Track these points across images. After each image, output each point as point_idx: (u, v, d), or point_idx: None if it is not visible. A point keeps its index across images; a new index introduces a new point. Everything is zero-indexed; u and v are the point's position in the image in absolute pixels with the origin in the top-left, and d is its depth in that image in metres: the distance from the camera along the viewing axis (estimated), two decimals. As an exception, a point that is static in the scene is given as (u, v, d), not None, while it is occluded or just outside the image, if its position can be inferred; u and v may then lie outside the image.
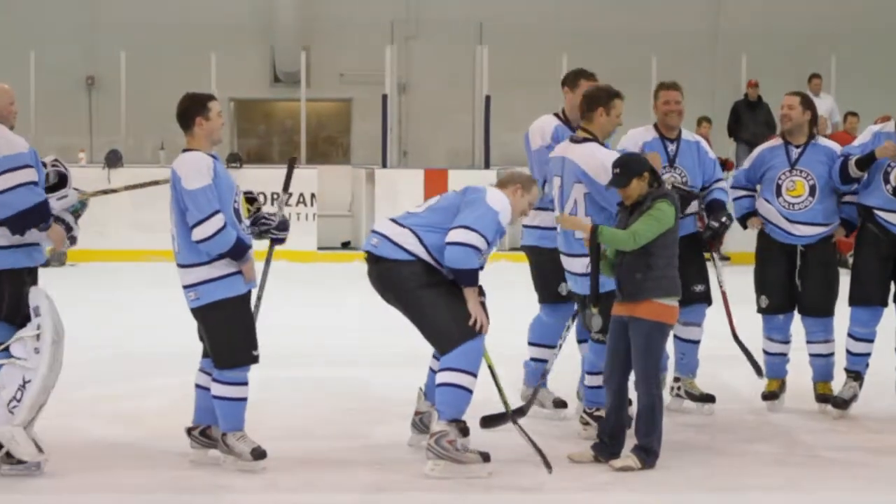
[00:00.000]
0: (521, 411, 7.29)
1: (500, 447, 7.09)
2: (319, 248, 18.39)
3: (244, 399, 6.76)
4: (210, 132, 6.80)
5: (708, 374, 8.57)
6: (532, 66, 20.66)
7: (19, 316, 6.65)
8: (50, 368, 6.59)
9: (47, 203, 6.70)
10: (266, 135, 24.39)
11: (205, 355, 6.92)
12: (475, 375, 6.77)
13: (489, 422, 7.22)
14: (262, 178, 16.56)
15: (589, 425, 7.47)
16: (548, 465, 6.65)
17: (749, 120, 19.18)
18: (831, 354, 8.30)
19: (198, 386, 6.96)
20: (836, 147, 8.30)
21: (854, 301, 8.16)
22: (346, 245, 19.02)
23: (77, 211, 7.11)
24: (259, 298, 7.06)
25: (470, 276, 6.78)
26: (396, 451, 7.02)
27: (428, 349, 7.09)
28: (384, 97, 19.76)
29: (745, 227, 8.45)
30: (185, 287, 6.73)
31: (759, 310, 8.36)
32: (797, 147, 8.23)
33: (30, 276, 6.78)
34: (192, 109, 6.82)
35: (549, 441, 7.22)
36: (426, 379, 7.26)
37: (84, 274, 16.47)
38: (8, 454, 6.55)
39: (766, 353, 8.42)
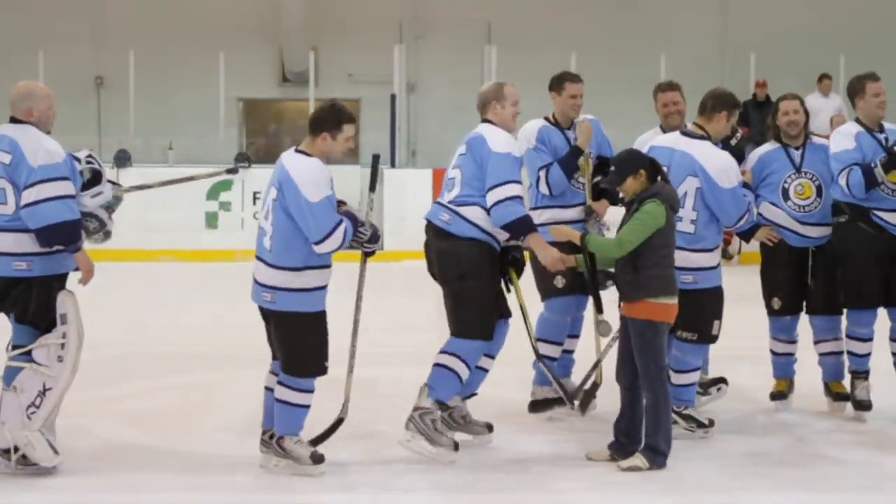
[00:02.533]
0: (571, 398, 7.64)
1: (505, 447, 7.09)
2: (328, 248, 18.37)
3: (307, 406, 6.75)
4: (329, 151, 6.78)
5: (715, 374, 8.56)
6: (540, 65, 20.41)
7: (45, 321, 6.65)
8: (72, 376, 6.62)
9: (79, 224, 6.68)
10: (276, 134, 24.40)
11: (275, 357, 6.90)
12: (470, 369, 7.03)
13: (537, 407, 7.62)
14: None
15: (677, 423, 7.47)
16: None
17: (758, 120, 19.11)
18: (841, 353, 8.29)
19: (267, 389, 6.92)
20: (829, 144, 8.29)
21: (853, 303, 8.13)
22: (354, 245, 18.99)
23: (111, 206, 7.12)
24: (358, 308, 7.35)
25: (524, 225, 7.00)
26: (404, 450, 7.02)
27: (434, 349, 7.11)
28: (392, 97, 19.77)
29: (748, 241, 8.39)
30: (265, 286, 6.68)
31: (771, 311, 8.34)
32: (797, 149, 8.23)
33: (59, 282, 6.74)
34: (326, 121, 6.81)
35: (565, 438, 7.24)
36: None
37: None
38: (23, 457, 6.58)
39: (773, 353, 8.41)
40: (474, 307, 7.04)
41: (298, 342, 6.67)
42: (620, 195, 7.23)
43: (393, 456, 7.05)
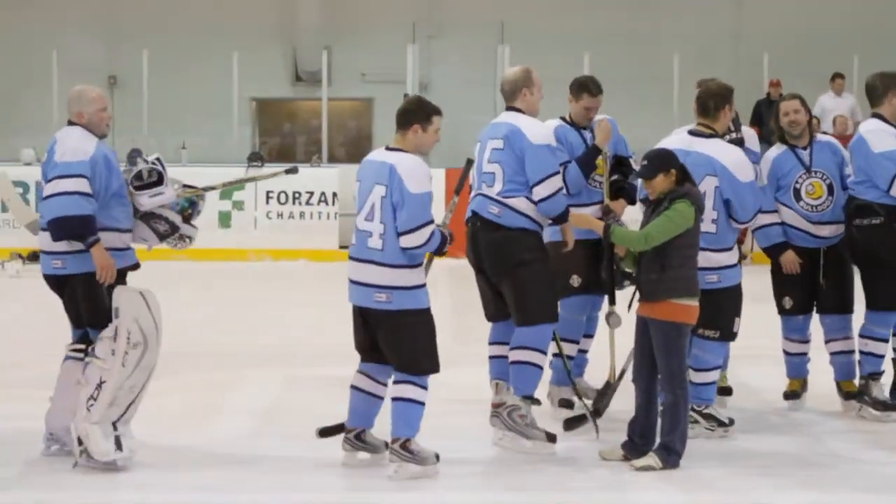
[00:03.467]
0: (598, 412, 7.64)
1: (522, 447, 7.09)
2: (341, 247, 18.38)
3: (424, 404, 6.73)
4: (420, 144, 6.79)
5: (731, 374, 8.55)
6: (553, 65, 20.37)
7: (100, 318, 6.77)
8: (128, 369, 6.66)
9: (89, 219, 6.72)
10: (290, 134, 24.43)
11: (365, 359, 6.89)
12: (546, 354, 7.27)
13: (571, 424, 7.56)
14: (284, 177, 16.53)
15: (698, 423, 7.50)
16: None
17: (771, 119, 19.12)
18: (853, 352, 8.27)
19: (355, 388, 6.91)
20: (835, 142, 8.32)
21: (881, 304, 8.07)
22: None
23: (185, 209, 7.23)
24: None
25: (567, 213, 7.29)
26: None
27: (451, 348, 7.11)
28: (405, 96, 19.75)
29: (776, 259, 8.25)
30: (377, 286, 6.65)
31: (782, 311, 8.33)
32: (804, 149, 8.22)
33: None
34: (415, 113, 6.82)
35: (578, 437, 7.25)
36: (492, 368, 7.53)
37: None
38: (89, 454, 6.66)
39: (786, 353, 8.40)
40: (538, 291, 7.22)
41: (413, 340, 6.68)
42: (644, 193, 7.18)
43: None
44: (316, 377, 9.20)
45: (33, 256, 16.83)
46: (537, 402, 7.33)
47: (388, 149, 6.80)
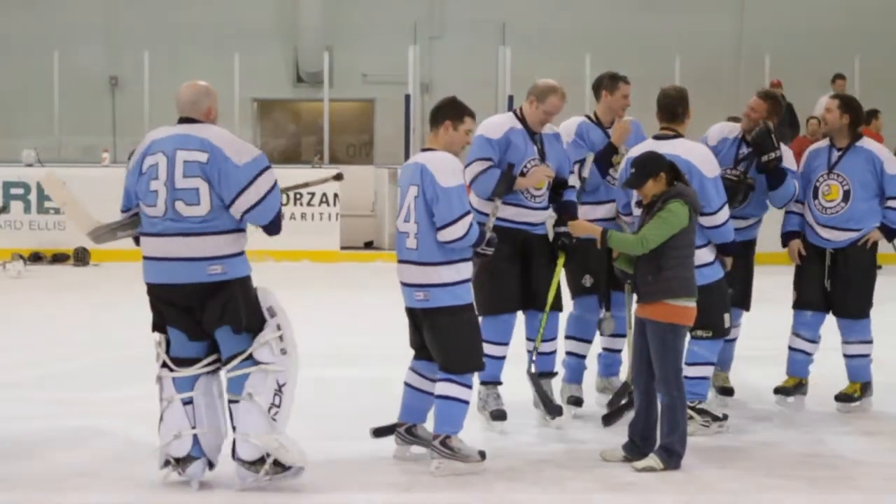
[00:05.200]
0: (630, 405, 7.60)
1: (520, 447, 7.08)
2: (342, 248, 18.40)
3: (468, 402, 6.79)
4: (450, 143, 6.83)
5: (733, 374, 8.56)
6: (555, 66, 20.43)
7: (258, 322, 6.40)
8: (297, 366, 6.44)
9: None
10: (296, 135, 24.44)
11: (417, 356, 6.97)
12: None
13: (610, 419, 7.74)
14: (285, 177, 16.56)
15: (693, 419, 7.49)
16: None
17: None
18: (864, 356, 8.27)
19: (407, 385, 7.02)
20: (878, 151, 8.25)
21: None
22: (368, 245, 19.03)
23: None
24: None
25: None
26: (423, 451, 7.02)
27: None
28: (407, 97, 19.77)
29: (784, 245, 8.44)
30: (415, 285, 6.72)
31: (793, 304, 8.37)
32: (838, 150, 8.22)
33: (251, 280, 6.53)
34: (447, 110, 6.87)
35: (579, 438, 7.24)
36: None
37: (107, 273, 16.51)
38: (275, 462, 6.32)
39: (790, 348, 8.41)
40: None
41: (453, 338, 6.73)
42: (638, 198, 7.22)
43: (408, 455, 7.05)
44: (316, 377, 9.17)
45: (35, 257, 16.88)
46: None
47: (422, 150, 6.91)
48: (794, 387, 8.40)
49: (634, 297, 7.04)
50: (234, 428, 6.37)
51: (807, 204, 8.24)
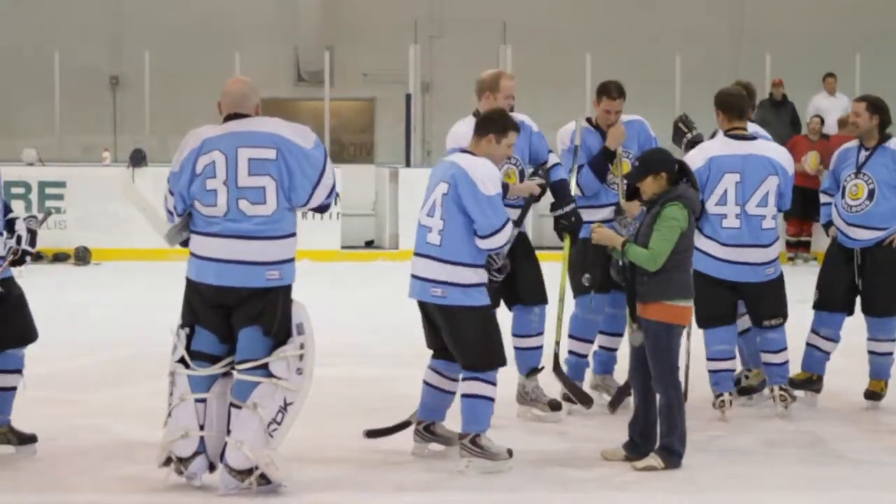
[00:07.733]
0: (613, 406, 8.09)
1: (521, 446, 7.09)
2: (343, 248, 18.40)
3: (494, 399, 6.79)
4: (490, 154, 6.83)
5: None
6: (556, 65, 20.64)
7: (285, 332, 6.34)
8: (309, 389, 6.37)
9: None
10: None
11: (436, 356, 6.99)
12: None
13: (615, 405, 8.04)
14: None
15: (786, 400, 7.96)
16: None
17: (774, 119, 19.09)
18: (889, 354, 8.30)
19: (426, 383, 7.05)
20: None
21: None
22: (369, 244, 19.02)
23: None
24: None
25: None
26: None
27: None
28: (408, 96, 19.76)
29: (827, 234, 8.63)
30: (434, 281, 6.71)
31: (813, 304, 8.41)
32: (866, 150, 8.26)
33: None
34: (494, 124, 6.88)
35: (580, 437, 7.25)
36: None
37: (107, 273, 16.52)
38: (261, 476, 6.21)
39: (808, 345, 8.43)
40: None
41: (474, 336, 6.73)
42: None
43: (409, 455, 7.06)
44: (320, 378, 9.15)
45: (36, 257, 16.84)
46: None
47: (461, 150, 6.90)
48: (803, 381, 8.37)
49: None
50: (228, 431, 6.28)
51: (835, 204, 8.30)
